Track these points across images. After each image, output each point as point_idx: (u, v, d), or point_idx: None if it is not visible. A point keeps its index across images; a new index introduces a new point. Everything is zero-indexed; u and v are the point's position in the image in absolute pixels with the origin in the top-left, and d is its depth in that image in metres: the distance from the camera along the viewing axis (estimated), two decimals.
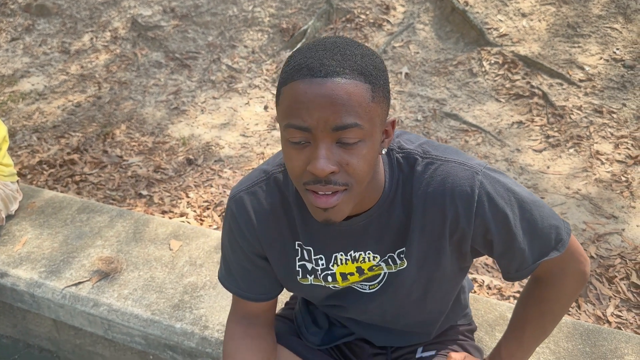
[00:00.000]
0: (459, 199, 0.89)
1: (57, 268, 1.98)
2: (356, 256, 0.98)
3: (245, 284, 1.07)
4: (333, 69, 0.73)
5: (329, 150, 0.75)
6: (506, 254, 0.95)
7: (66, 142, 3.81)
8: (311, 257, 1.01)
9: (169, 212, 2.97)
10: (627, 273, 2.45)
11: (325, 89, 0.72)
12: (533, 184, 3.12)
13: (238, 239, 1.02)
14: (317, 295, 1.09)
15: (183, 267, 1.96)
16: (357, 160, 0.77)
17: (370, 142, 0.78)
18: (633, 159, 3.23)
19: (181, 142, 3.79)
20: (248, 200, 0.99)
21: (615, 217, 2.83)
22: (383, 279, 1.01)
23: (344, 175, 0.78)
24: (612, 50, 4.06)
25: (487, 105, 3.87)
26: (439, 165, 0.91)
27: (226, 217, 1.04)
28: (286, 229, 1.00)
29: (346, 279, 1.02)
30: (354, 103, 0.73)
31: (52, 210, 2.34)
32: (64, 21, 5.62)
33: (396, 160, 0.93)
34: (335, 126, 0.73)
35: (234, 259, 1.06)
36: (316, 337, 1.21)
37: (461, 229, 0.91)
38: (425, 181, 0.91)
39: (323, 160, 0.74)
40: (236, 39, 5.02)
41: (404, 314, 1.08)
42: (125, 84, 4.68)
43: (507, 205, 0.90)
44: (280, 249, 1.02)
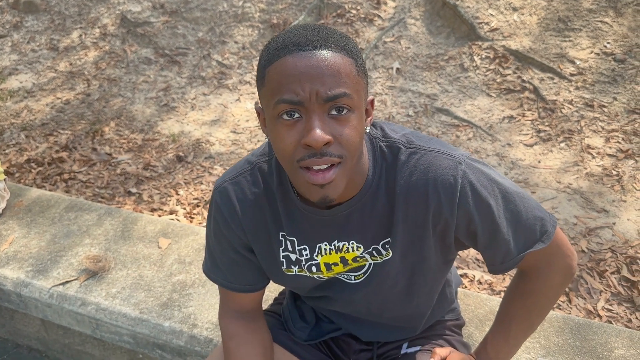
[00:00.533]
0: (442, 188, 0.88)
1: (45, 267, 1.96)
2: (340, 246, 0.98)
3: (231, 275, 1.06)
4: (319, 43, 0.76)
5: (322, 121, 0.76)
6: (490, 245, 0.94)
7: (55, 140, 3.78)
8: (295, 248, 1.00)
9: (158, 210, 2.94)
10: (618, 267, 2.45)
11: (315, 61, 0.74)
12: (524, 179, 3.12)
13: (223, 229, 1.01)
14: (302, 286, 1.08)
15: (172, 266, 1.94)
16: (350, 130, 0.78)
17: (358, 114, 0.79)
18: (624, 152, 3.24)
19: (171, 139, 3.77)
20: (232, 190, 0.99)
21: (606, 211, 2.83)
22: (368, 270, 1.01)
23: (337, 147, 0.78)
24: (603, 44, 4.06)
25: (478, 100, 3.87)
26: (422, 155, 0.91)
27: (210, 208, 1.04)
28: (270, 219, 0.99)
29: (330, 270, 1.01)
30: (342, 74, 0.75)
31: (40, 208, 2.32)
32: (52, 18, 5.56)
33: (379, 148, 0.93)
34: (327, 97, 0.75)
35: (219, 250, 1.05)
36: (303, 332, 1.21)
37: (444, 219, 0.91)
38: (408, 170, 0.91)
39: (319, 130, 0.75)
40: (226, 35, 4.98)
41: (389, 306, 1.08)
42: (114, 80, 4.64)
43: (491, 195, 0.90)
44: (265, 240, 1.01)
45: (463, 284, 2.35)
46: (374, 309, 1.09)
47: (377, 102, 4.00)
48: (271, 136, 0.82)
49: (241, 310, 1.12)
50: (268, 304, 1.45)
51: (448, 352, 1.03)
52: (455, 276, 1.31)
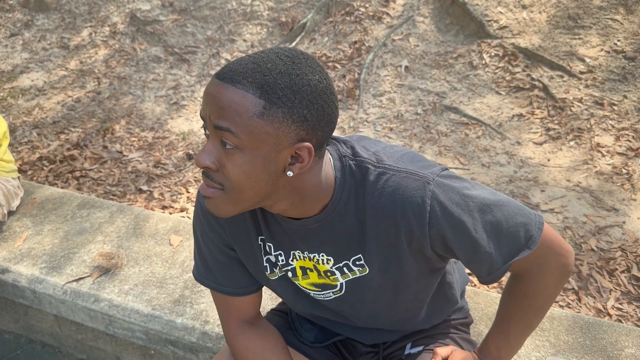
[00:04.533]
0: (410, 210, 0.87)
1: (58, 264, 1.98)
2: (312, 257, 0.98)
3: (223, 279, 1.06)
4: (231, 77, 0.77)
5: (213, 145, 0.80)
6: (473, 260, 0.93)
7: (66, 138, 3.81)
8: (271, 252, 1.01)
9: (169, 207, 2.97)
10: (628, 266, 2.45)
11: (215, 90, 0.77)
12: (533, 177, 3.12)
13: (209, 232, 1.03)
14: (288, 292, 1.08)
15: (183, 263, 1.96)
16: (232, 166, 0.79)
17: (249, 155, 0.78)
18: (634, 151, 3.23)
19: (181, 137, 3.79)
20: None
21: (616, 209, 2.83)
22: (343, 288, 1.01)
23: (220, 176, 0.81)
24: (613, 41, 4.04)
25: (487, 98, 3.86)
26: (391, 176, 0.89)
27: (196, 210, 1.05)
28: (250, 224, 1.00)
29: (306, 275, 1.02)
30: (232, 111, 0.76)
31: (53, 206, 2.35)
32: (62, 16, 5.60)
33: (349, 167, 0.92)
34: (214, 124, 0.77)
35: (208, 253, 1.06)
36: (310, 334, 1.21)
37: (417, 239, 0.90)
38: (377, 192, 0.90)
39: (203, 154, 0.80)
40: (235, 33, 5.00)
41: (379, 315, 1.07)
42: (124, 79, 4.67)
43: (464, 211, 0.88)
44: (247, 243, 1.02)
45: (472, 282, 2.35)
46: (364, 319, 1.09)
47: (385, 100, 4.01)
48: None
49: (243, 318, 1.11)
50: (278, 301, 1.46)
51: (450, 351, 1.04)
52: (462, 275, 1.31)
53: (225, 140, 0.77)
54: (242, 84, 0.76)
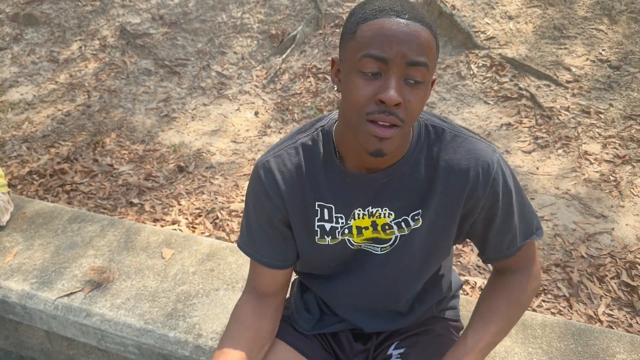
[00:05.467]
0: (482, 168, 0.99)
1: (49, 279, 1.97)
2: (373, 212, 1.04)
3: (264, 249, 1.12)
4: (414, 16, 0.83)
5: (398, 84, 0.83)
6: (502, 229, 1.04)
7: (56, 152, 3.80)
8: (331, 215, 1.06)
9: (160, 220, 2.96)
10: (618, 272, 2.47)
11: (410, 28, 0.82)
12: (523, 185, 3.14)
13: (263, 201, 1.07)
14: (329, 259, 1.13)
15: (175, 276, 1.95)
16: (416, 100, 0.85)
17: (427, 87, 0.86)
18: (621, 158, 3.27)
19: (172, 149, 3.79)
20: (274, 163, 1.06)
21: (605, 216, 2.86)
22: (395, 242, 1.07)
23: (403, 111, 0.85)
24: (598, 51, 4.10)
25: (476, 108, 3.90)
26: (465, 139, 1.01)
27: (252, 182, 1.09)
28: (308, 190, 1.05)
29: (361, 233, 1.07)
30: (427, 47, 0.83)
31: (43, 220, 2.33)
32: (52, 30, 5.60)
33: (425, 126, 1.02)
34: (410, 61, 0.82)
35: (256, 223, 1.10)
36: (307, 324, 1.26)
37: (476, 197, 1.00)
38: (452, 149, 1.00)
39: (394, 91, 0.82)
40: (225, 46, 5.02)
41: (399, 284, 1.13)
42: (114, 92, 4.67)
43: (514, 184, 1.03)
44: (302, 209, 1.07)
45: (464, 291, 2.37)
46: (384, 287, 1.14)
47: None
48: (346, 87, 0.88)
49: (263, 290, 1.17)
50: None
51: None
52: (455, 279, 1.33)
53: (414, 75, 0.83)
54: (423, 22, 0.84)
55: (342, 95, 0.90)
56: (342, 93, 0.90)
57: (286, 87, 4.47)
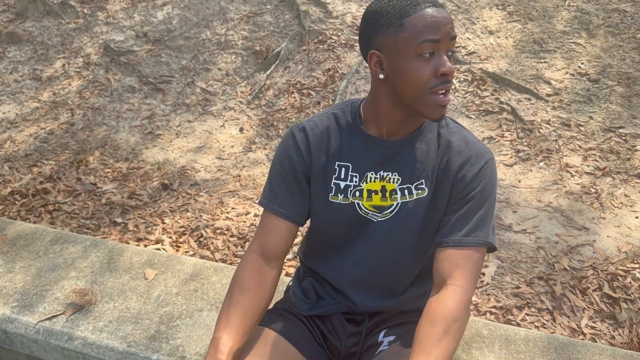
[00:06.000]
0: (475, 155, 1.15)
1: (30, 302, 1.95)
2: (384, 175, 1.19)
3: (283, 200, 1.23)
4: (440, 4, 1.05)
5: (448, 57, 1.04)
6: (467, 216, 1.14)
7: (39, 171, 3.77)
8: (348, 174, 1.20)
9: (144, 240, 2.94)
10: (600, 284, 2.50)
11: (445, 13, 1.03)
12: (505, 198, 3.17)
13: (292, 153, 1.21)
14: (337, 220, 1.23)
15: (159, 297, 1.94)
16: (452, 67, 1.05)
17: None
18: (601, 170, 3.32)
19: (156, 167, 3.78)
20: (308, 126, 1.23)
21: (587, 228, 2.89)
22: (395, 209, 1.19)
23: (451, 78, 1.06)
24: (577, 64, 4.18)
25: (459, 122, 3.94)
26: (467, 134, 1.19)
27: (284, 139, 1.24)
28: (332, 150, 1.21)
29: (370, 198, 1.20)
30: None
31: (25, 242, 2.31)
32: (35, 48, 5.58)
33: None
34: (452, 36, 1.03)
35: (280, 176, 1.23)
36: (305, 306, 1.34)
37: (462, 177, 1.14)
38: (455, 136, 1.17)
39: (448, 63, 1.03)
40: (210, 62, 5.03)
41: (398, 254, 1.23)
42: (98, 109, 4.65)
43: (494, 188, 1.16)
44: (323, 167, 1.21)
45: None
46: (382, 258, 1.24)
47: None
48: (404, 70, 1.05)
49: (267, 249, 1.24)
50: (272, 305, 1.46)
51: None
52: None
53: (453, 47, 1.05)
54: (443, 6, 1.05)
55: (398, 78, 1.06)
56: (397, 77, 1.06)
57: (271, 103, 4.49)
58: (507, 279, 2.58)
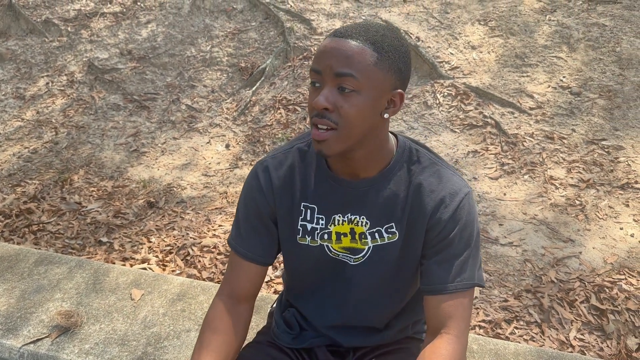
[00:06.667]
0: (449, 193, 1.07)
1: (14, 325, 1.91)
2: (352, 219, 1.13)
3: (249, 243, 1.18)
4: (349, 34, 0.96)
5: (329, 92, 0.96)
6: (450, 260, 1.08)
7: (22, 191, 3.72)
8: (313, 216, 1.15)
9: (130, 259, 2.91)
10: (587, 296, 2.52)
11: (337, 44, 0.95)
12: (491, 211, 3.20)
13: (256, 195, 1.16)
14: (308, 262, 1.19)
15: (145, 318, 1.92)
16: (349, 106, 0.96)
17: (364, 97, 0.96)
18: (585, 182, 3.36)
19: (141, 184, 3.75)
20: (271, 164, 1.17)
21: (572, 240, 2.92)
22: (367, 253, 1.14)
23: (336, 116, 0.97)
24: (559, 78, 4.25)
25: (443, 136, 3.97)
26: (442, 168, 1.11)
27: (248, 178, 1.20)
28: (297, 190, 1.15)
29: (339, 240, 1.15)
30: (354, 60, 0.94)
31: (8, 263, 2.27)
32: (18, 67, 5.54)
33: (408, 147, 1.12)
34: (336, 72, 0.95)
35: (245, 218, 1.19)
36: (288, 337, 1.30)
37: (437, 220, 1.07)
38: (427, 173, 1.10)
39: (321, 97, 0.96)
40: (195, 79, 5.03)
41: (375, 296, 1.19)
42: (82, 128, 4.62)
43: (475, 224, 1.10)
44: (289, 208, 1.16)
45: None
46: (358, 301, 1.20)
47: None
48: None
49: (237, 291, 1.20)
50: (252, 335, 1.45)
51: None
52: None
53: (345, 85, 0.95)
54: (360, 39, 0.95)
55: None
56: None
57: (257, 119, 4.49)
58: (495, 292, 2.58)
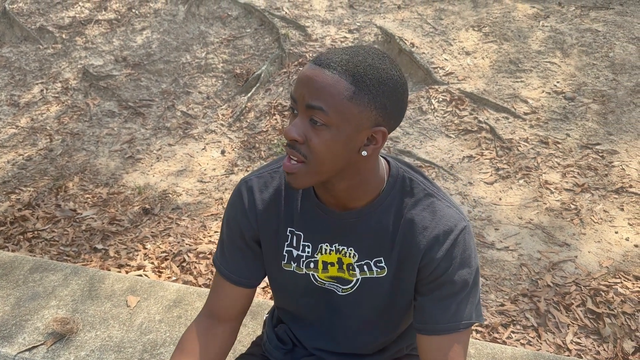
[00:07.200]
0: (443, 230, 1.00)
1: (9, 333, 1.90)
2: (340, 249, 1.07)
3: (233, 265, 1.13)
4: (327, 63, 0.88)
5: (302, 122, 0.90)
6: (446, 299, 1.02)
7: (17, 198, 3.70)
8: (299, 244, 1.09)
9: (125, 266, 2.90)
10: (583, 300, 2.52)
11: (312, 73, 0.88)
12: (487, 216, 3.20)
13: (239, 217, 1.10)
14: (294, 289, 1.14)
15: (141, 324, 1.91)
16: (318, 141, 0.89)
17: (336, 133, 0.89)
18: (580, 186, 3.37)
19: (136, 191, 3.74)
20: (256, 183, 1.11)
21: (568, 244, 2.93)
22: (356, 284, 1.08)
23: (305, 148, 0.90)
24: (553, 83, 4.27)
25: (439, 141, 3.99)
26: (437, 199, 1.03)
27: (232, 197, 1.13)
28: (283, 214, 1.09)
29: (326, 270, 1.09)
30: (326, 92, 0.86)
31: (3, 271, 2.26)
32: (12, 74, 5.53)
33: (402, 177, 1.04)
34: (307, 104, 0.88)
35: (228, 238, 1.13)
36: (280, 353, 1.27)
37: (430, 258, 1.00)
38: (421, 206, 1.02)
39: (292, 127, 0.90)
40: (190, 86, 5.03)
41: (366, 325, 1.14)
42: (77, 134, 4.61)
43: (473, 259, 1.02)
44: (273, 232, 1.10)
45: None
46: (347, 330, 1.15)
47: None
48: None
49: (219, 313, 1.15)
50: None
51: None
52: None
53: (316, 118, 0.88)
54: (337, 70, 0.87)
55: None
56: None
57: (252, 125, 4.49)
58: (491, 297, 2.59)
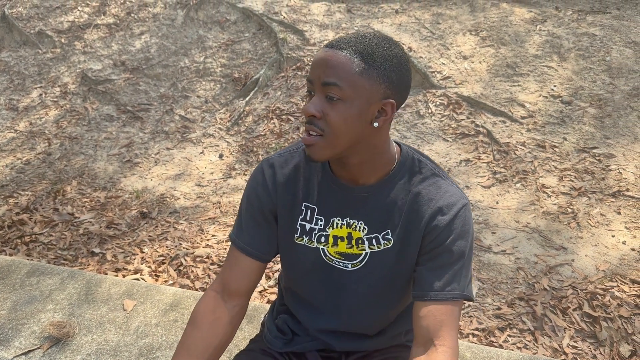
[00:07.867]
0: (446, 203, 1.09)
1: (6, 337, 1.90)
2: (350, 223, 1.15)
3: (250, 237, 1.20)
4: (339, 45, 0.98)
5: (318, 100, 1.00)
6: (443, 268, 1.09)
7: (15, 202, 3.71)
8: (313, 217, 1.16)
9: (122, 270, 2.90)
10: (580, 303, 2.52)
11: (325, 54, 0.98)
12: (484, 220, 3.21)
13: (259, 190, 1.19)
14: (304, 261, 1.19)
15: (138, 328, 1.91)
16: (335, 114, 0.98)
17: (350, 105, 0.98)
18: (577, 190, 3.38)
19: (134, 195, 3.74)
20: (277, 162, 1.20)
21: (565, 248, 2.93)
22: (365, 258, 1.16)
23: (323, 123, 1.00)
24: (550, 87, 4.28)
25: (436, 145, 3.99)
26: (441, 179, 1.13)
27: (254, 173, 1.22)
28: (299, 190, 1.17)
29: (336, 244, 1.16)
30: (339, 69, 0.97)
31: (0, 274, 2.26)
32: (11, 78, 5.54)
33: (411, 158, 1.15)
34: (322, 82, 0.98)
35: (247, 212, 1.21)
36: (279, 342, 1.31)
37: (433, 228, 1.09)
38: (426, 182, 1.12)
39: (311, 105, 0.99)
40: (189, 90, 5.04)
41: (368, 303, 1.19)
42: (76, 139, 4.61)
43: (470, 236, 1.11)
44: (290, 207, 1.18)
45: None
46: (353, 307, 1.20)
47: None
48: None
49: (231, 287, 1.20)
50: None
51: None
52: None
53: (331, 94, 0.97)
54: (348, 50, 0.98)
55: None
56: None
57: (250, 129, 4.50)
58: (488, 300, 2.59)
